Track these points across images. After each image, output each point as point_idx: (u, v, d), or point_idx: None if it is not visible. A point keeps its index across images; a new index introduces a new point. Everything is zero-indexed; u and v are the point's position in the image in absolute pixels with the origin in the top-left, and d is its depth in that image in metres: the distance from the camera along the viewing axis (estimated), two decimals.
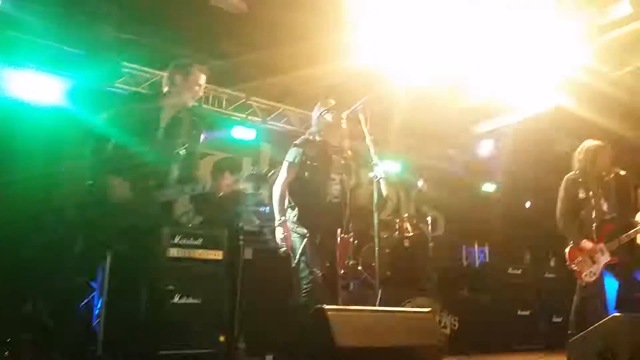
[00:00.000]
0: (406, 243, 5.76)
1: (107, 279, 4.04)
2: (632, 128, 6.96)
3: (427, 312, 2.76)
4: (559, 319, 6.49)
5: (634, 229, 4.56)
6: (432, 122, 7.55)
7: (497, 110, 7.42)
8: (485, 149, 8.40)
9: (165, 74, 3.45)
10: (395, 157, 8.10)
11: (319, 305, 2.37)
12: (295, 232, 3.46)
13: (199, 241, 4.53)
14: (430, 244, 6.22)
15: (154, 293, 3.35)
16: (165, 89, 3.36)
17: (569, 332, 4.47)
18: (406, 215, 6.42)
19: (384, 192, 3.45)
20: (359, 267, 5.58)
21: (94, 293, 4.39)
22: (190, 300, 4.35)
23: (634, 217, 4.96)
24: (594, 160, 4.57)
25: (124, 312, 3.48)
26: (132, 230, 3.04)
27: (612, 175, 4.57)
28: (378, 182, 3.47)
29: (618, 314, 3.47)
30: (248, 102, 6.77)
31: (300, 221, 3.49)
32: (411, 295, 5.30)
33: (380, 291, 3.74)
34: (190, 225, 4.93)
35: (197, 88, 3.37)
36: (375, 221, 3.54)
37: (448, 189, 8.65)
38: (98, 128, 3.21)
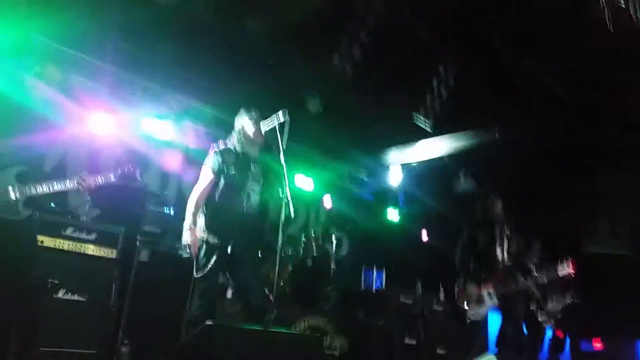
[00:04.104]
0: (309, 262, 5.78)
1: None
2: None
3: (315, 336, 2.78)
4: (443, 351, 6.83)
5: (523, 282, 4.91)
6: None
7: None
8: (393, 177, 8.73)
9: None
10: (309, 174, 8.17)
11: (208, 322, 2.30)
12: (206, 241, 3.34)
13: (92, 236, 4.25)
14: (333, 266, 6.29)
15: (30, 286, 3.11)
16: None
17: None
18: (313, 235, 6.48)
19: (291, 212, 3.41)
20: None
21: None
22: (76, 297, 4.05)
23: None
24: (487, 210, 4.93)
25: None
26: None
27: (507, 224, 4.93)
28: (286, 201, 3.43)
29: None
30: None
31: (213, 229, 3.37)
32: (307, 314, 5.32)
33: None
34: (85, 217, 4.58)
35: None
36: (280, 241, 3.47)
37: (355, 211, 8.89)
38: None
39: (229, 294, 4.60)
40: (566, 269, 5.30)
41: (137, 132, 6.34)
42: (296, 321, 5.20)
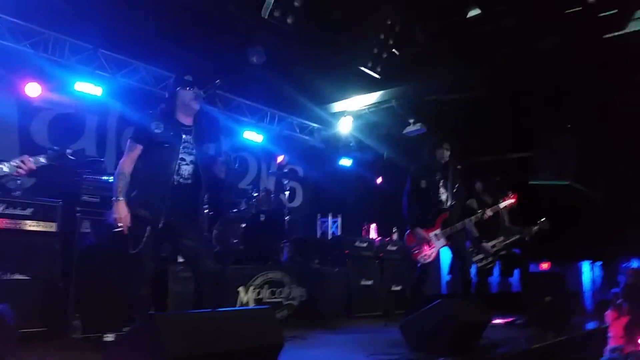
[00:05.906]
0: (262, 217, 5.75)
1: None
2: None
3: (267, 309, 2.75)
4: (398, 288, 7.11)
5: (467, 218, 5.06)
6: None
7: None
8: (344, 125, 8.69)
9: None
10: (258, 129, 8.03)
11: (150, 312, 2.20)
12: (136, 215, 3.21)
13: (29, 211, 4.05)
14: (287, 217, 6.30)
15: None
16: None
17: (407, 308, 4.84)
18: (264, 189, 6.42)
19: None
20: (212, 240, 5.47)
21: None
22: (17, 277, 3.90)
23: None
24: (433, 154, 4.96)
25: None
26: None
27: (451, 167, 4.99)
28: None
29: (442, 300, 3.79)
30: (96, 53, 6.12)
31: (142, 203, 3.24)
32: (264, 269, 5.36)
33: None
34: (19, 191, 4.34)
35: None
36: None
37: (307, 161, 8.87)
38: None
39: (180, 259, 4.55)
40: (508, 200, 5.48)
41: (71, 94, 6.00)
42: (253, 277, 5.24)
